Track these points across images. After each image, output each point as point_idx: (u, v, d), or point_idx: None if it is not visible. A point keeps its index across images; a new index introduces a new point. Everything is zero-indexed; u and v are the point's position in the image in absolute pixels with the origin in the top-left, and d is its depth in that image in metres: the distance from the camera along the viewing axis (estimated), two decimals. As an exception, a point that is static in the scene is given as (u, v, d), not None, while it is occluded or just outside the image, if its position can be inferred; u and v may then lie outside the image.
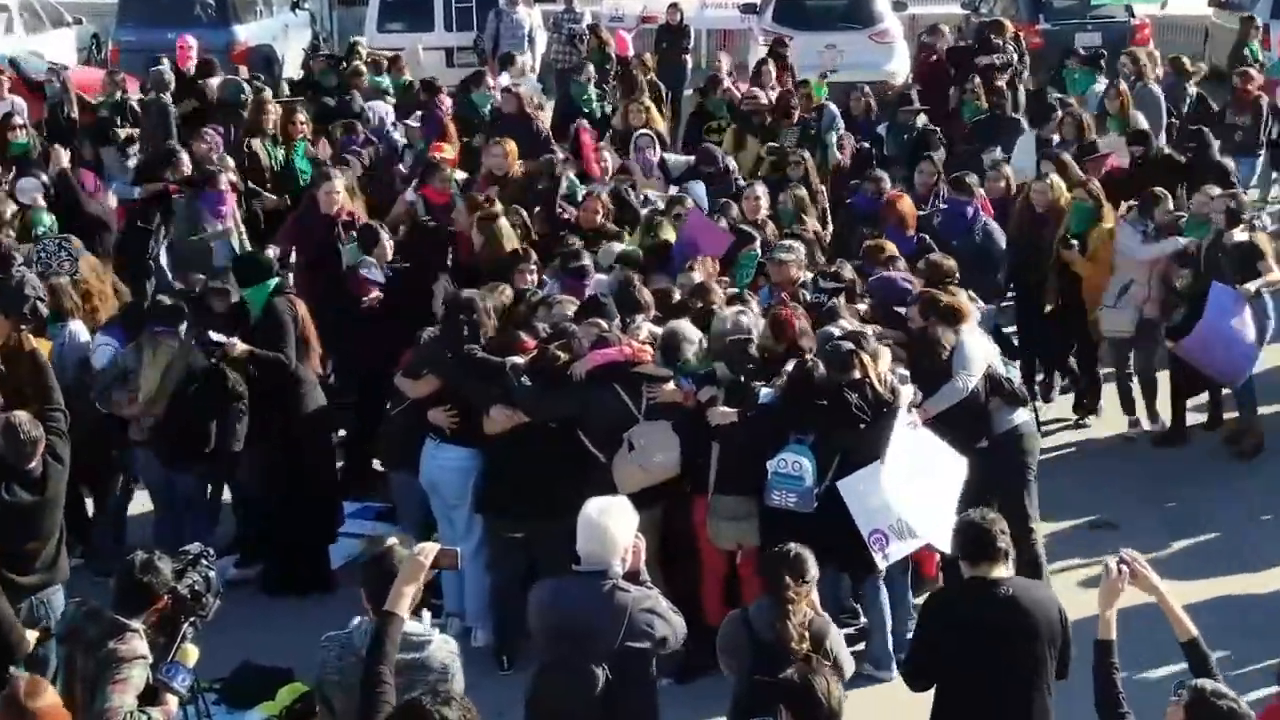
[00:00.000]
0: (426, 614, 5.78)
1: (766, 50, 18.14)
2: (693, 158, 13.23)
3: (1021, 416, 9.12)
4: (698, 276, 9.80)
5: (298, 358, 9.30)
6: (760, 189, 11.80)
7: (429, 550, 5.60)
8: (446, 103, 14.96)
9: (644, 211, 11.65)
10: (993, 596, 6.18)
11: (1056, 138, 13.87)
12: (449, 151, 13.03)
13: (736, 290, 9.96)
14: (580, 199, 11.65)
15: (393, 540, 5.85)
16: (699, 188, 12.42)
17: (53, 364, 8.32)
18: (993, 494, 8.32)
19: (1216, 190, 11.57)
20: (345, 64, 16.54)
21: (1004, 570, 6.24)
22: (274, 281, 9.51)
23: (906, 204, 11.47)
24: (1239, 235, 10.95)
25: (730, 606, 8.52)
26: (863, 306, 9.71)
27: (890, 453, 8.22)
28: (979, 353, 8.98)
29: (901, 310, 9.53)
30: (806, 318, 9.07)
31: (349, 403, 10.45)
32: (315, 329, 9.53)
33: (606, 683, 5.93)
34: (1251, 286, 10.66)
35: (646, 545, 6.34)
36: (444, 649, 5.68)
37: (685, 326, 8.82)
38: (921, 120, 14.93)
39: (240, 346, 9.11)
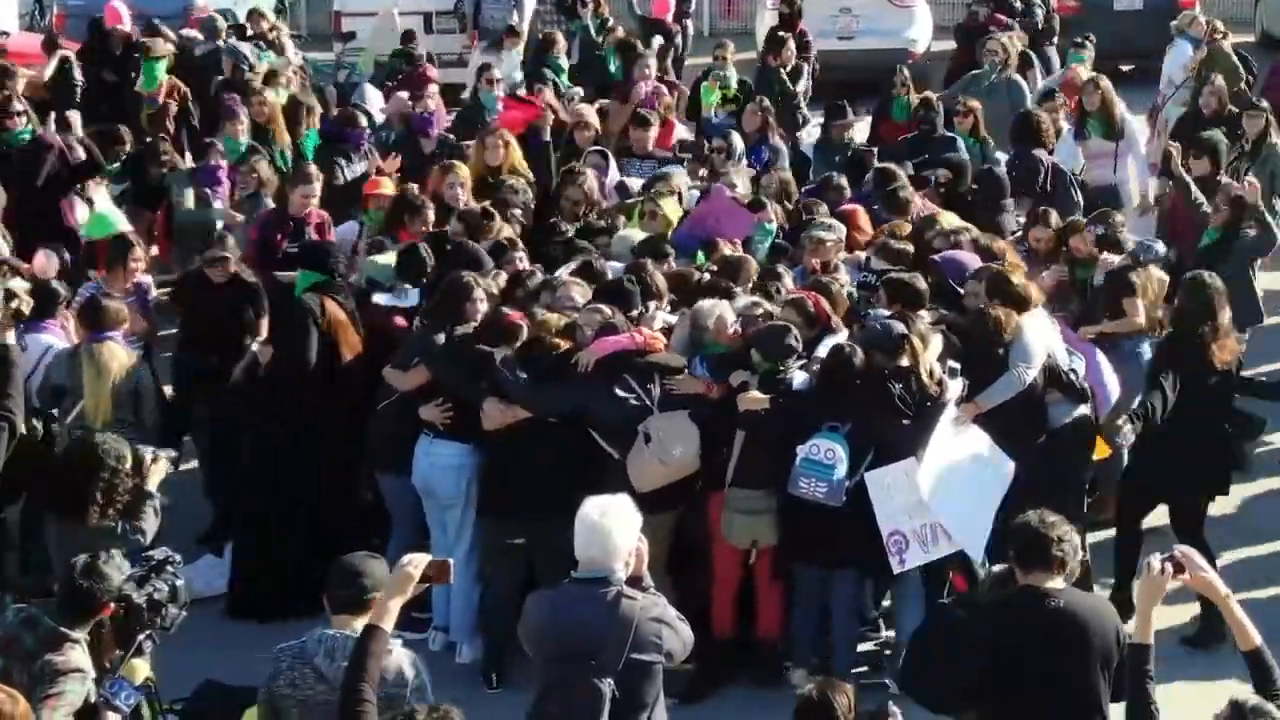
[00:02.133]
0: None
1: (775, 15, 18.07)
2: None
3: (1080, 412, 8.98)
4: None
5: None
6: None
7: (418, 561, 5.59)
8: (437, 104, 14.04)
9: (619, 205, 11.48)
10: (1043, 609, 6.12)
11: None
12: (387, 186, 11.68)
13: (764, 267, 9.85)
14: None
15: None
16: (680, 175, 12.28)
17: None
18: (1042, 493, 8.23)
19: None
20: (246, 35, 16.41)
21: (1059, 581, 6.18)
22: (318, 277, 9.55)
23: (862, 217, 10.97)
24: (1109, 266, 10.19)
25: (742, 618, 8.55)
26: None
27: (929, 451, 8.15)
28: (1039, 343, 8.77)
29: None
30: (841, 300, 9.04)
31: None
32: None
33: (613, 701, 5.85)
34: (1090, 331, 9.70)
35: (662, 551, 6.28)
36: (400, 654, 5.71)
37: (710, 308, 8.70)
38: (858, 137, 13.61)
39: (267, 353, 9.44)
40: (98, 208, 11.78)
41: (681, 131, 13.97)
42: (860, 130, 14.27)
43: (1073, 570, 6.23)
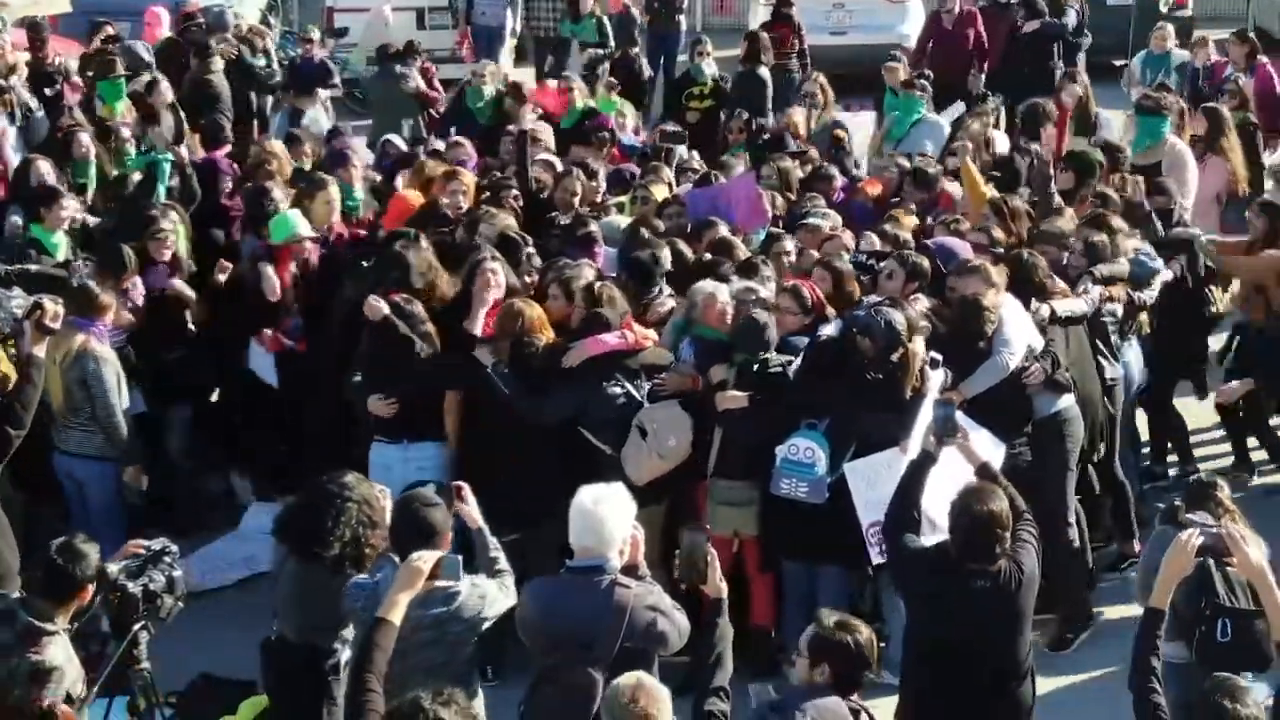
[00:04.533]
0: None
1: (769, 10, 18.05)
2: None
3: (1065, 401, 9.04)
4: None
5: None
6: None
7: (428, 558, 5.65)
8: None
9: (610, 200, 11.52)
10: (969, 588, 6.42)
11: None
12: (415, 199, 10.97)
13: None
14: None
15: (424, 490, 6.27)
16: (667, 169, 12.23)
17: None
18: (1030, 481, 8.26)
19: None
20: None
21: (996, 564, 6.43)
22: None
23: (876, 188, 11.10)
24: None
25: (737, 609, 8.57)
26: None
27: (911, 441, 8.16)
28: (1019, 330, 8.80)
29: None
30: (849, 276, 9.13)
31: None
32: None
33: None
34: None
35: (654, 544, 6.34)
36: (473, 596, 6.01)
37: (700, 285, 8.79)
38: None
39: None
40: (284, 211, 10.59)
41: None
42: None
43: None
